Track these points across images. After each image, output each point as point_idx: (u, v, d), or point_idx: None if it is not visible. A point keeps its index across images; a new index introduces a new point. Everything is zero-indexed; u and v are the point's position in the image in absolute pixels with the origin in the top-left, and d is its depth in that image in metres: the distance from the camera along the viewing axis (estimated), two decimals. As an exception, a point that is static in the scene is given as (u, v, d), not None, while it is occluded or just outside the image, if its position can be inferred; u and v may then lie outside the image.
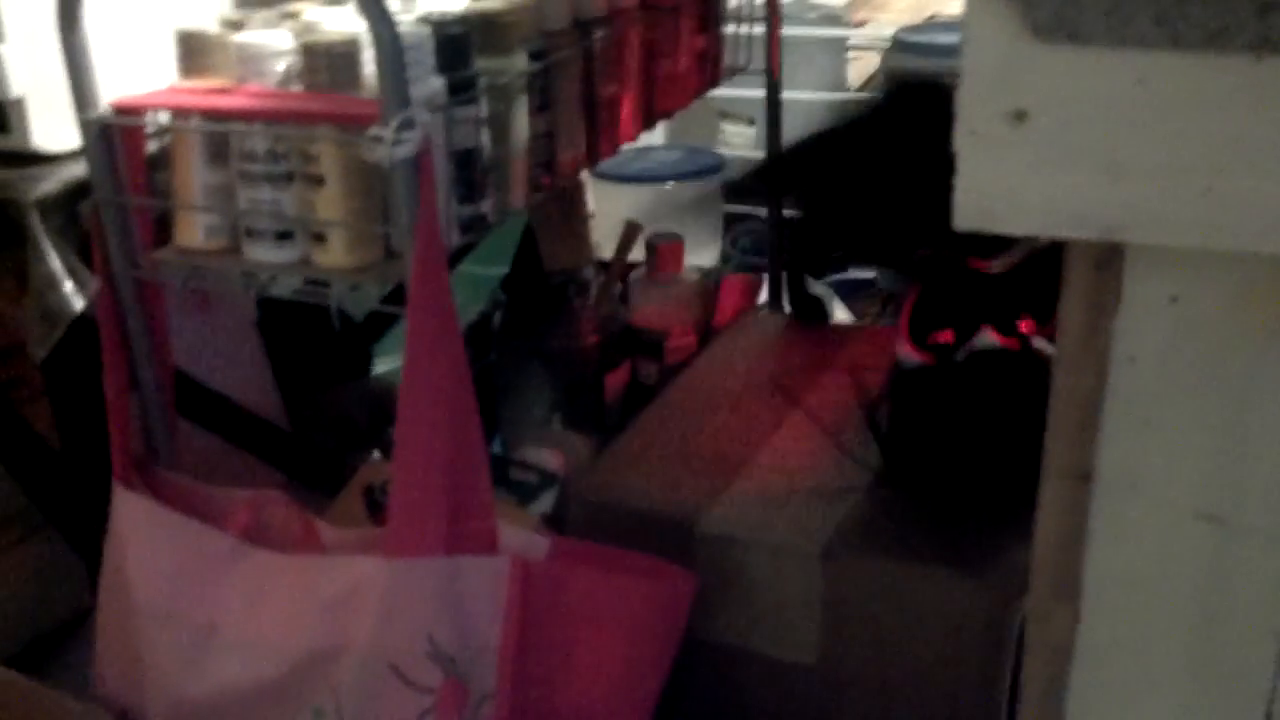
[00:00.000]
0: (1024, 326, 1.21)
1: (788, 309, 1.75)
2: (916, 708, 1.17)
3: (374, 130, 0.91)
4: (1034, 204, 0.65)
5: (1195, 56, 0.60)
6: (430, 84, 0.99)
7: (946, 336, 1.23)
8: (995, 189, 0.66)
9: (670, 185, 2.55)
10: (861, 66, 3.46)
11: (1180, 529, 0.72)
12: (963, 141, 0.65)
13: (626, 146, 2.21)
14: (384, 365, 1.80)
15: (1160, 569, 0.74)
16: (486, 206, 1.09)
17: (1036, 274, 1.18)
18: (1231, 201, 0.62)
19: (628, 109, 1.32)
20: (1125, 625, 0.76)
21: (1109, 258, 0.69)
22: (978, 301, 1.22)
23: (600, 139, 1.28)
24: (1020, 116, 0.64)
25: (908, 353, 1.26)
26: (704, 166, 2.61)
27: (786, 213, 1.78)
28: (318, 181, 0.99)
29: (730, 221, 2.78)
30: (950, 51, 1.55)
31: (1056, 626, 0.79)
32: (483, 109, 1.05)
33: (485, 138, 1.07)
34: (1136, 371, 0.70)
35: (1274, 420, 0.68)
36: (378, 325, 1.79)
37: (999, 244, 1.22)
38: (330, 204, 0.99)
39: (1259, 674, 0.73)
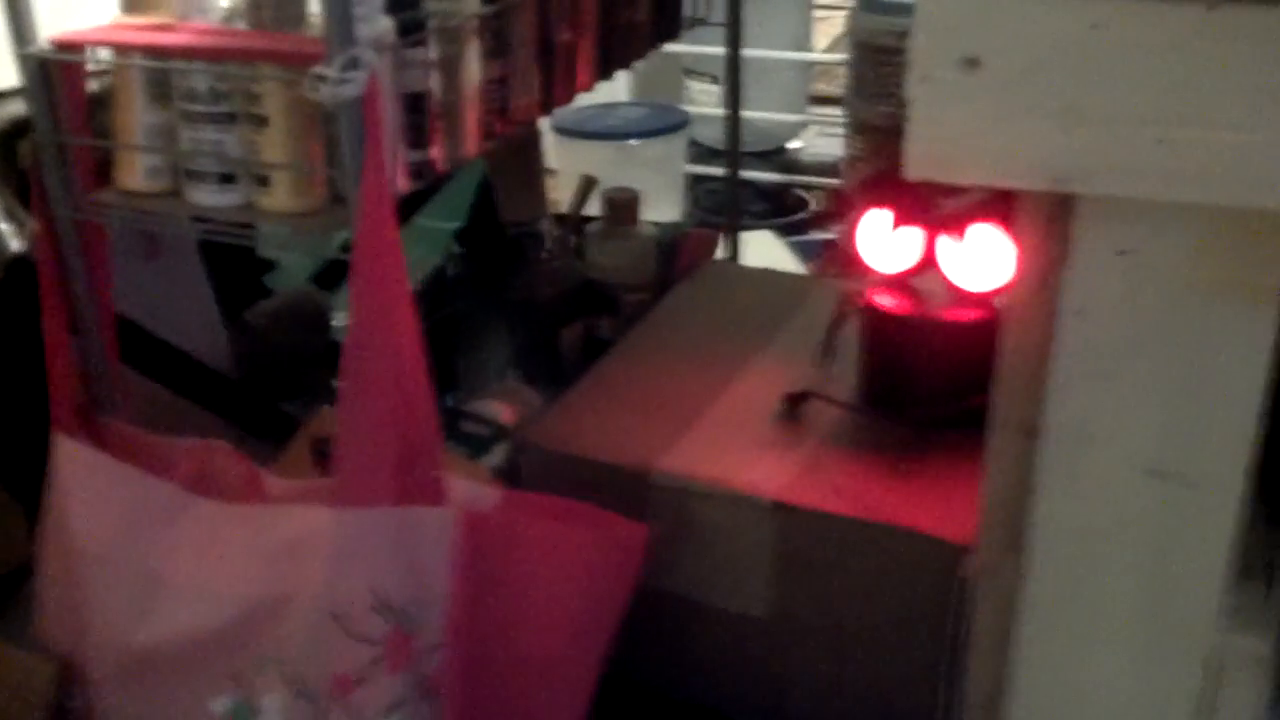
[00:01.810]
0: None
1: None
2: (867, 661, 1.17)
3: (318, 69, 0.88)
4: (986, 153, 0.65)
5: (1151, 3, 0.59)
6: (379, 23, 0.96)
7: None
8: (947, 137, 0.65)
9: (634, 142, 2.53)
10: (828, 28, 3.44)
11: (1129, 483, 0.72)
12: (915, 89, 0.64)
13: (590, 102, 2.19)
14: (343, 319, 1.78)
15: (1109, 523, 0.74)
16: (437, 153, 1.07)
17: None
18: (1185, 152, 0.61)
19: (584, 57, 1.30)
20: (1074, 578, 0.76)
21: (1060, 210, 0.68)
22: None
23: (555, 86, 1.26)
24: (972, 63, 0.63)
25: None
26: (668, 124, 2.59)
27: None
28: (261, 122, 0.96)
29: (693, 181, 2.77)
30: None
31: (1005, 579, 0.79)
32: (433, 51, 1.03)
33: (436, 81, 1.05)
34: (1086, 325, 0.70)
35: (1224, 376, 0.68)
36: (337, 274, 1.76)
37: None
38: (274, 146, 0.97)
39: (1204, 627, 0.74)
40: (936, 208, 1.19)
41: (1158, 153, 0.61)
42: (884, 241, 1.24)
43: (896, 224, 1.23)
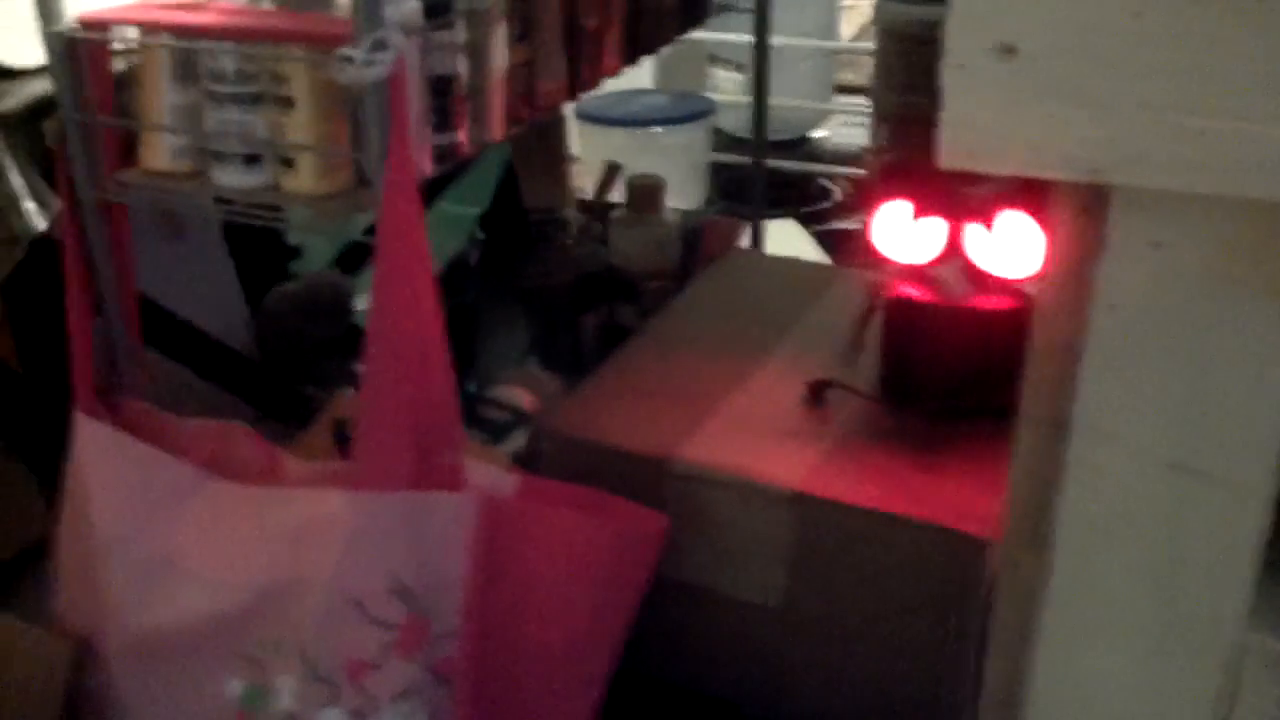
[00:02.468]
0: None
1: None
2: (878, 652, 1.17)
3: (345, 50, 0.88)
4: (1020, 142, 0.63)
5: (1192, -10, 0.58)
6: (406, 6, 0.96)
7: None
8: (980, 126, 0.64)
9: (658, 129, 2.52)
10: (855, 17, 3.43)
11: (1154, 479, 0.71)
12: (949, 76, 0.63)
13: (615, 89, 2.18)
14: (365, 301, 1.78)
15: (1133, 518, 0.73)
16: (462, 136, 1.06)
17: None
18: (1223, 144, 0.60)
19: (610, 42, 1.29)
20: (1095, 573, 0.75)
21: (1094, 202, 0.67)
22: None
23: (581, 71, 1.25)
24: (1008, 50, 0.62)
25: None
26: (692, 111, 2.58)
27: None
28: (287, 103, 0.96)
29: (717, 169, 2.76)
30: (944, -1, 1.52)
31: (1026, 573, 0.78)
32: (460, 35, 1.03)
33: (462, 65, 1.04)
34: (1117, 319, 0.69)
35: (1252, 372, 0.67)
36: (359, 258, 1.76)
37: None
38: (300, 127, 0.97)
39: (1225, 621, 0.73)
40: (959, 196, 1.18)
41: (1193, 144, 0.60)
42: (905, 232, 1.23)
43: (917, 214, 1.22)
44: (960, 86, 0.63)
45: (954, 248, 1.22)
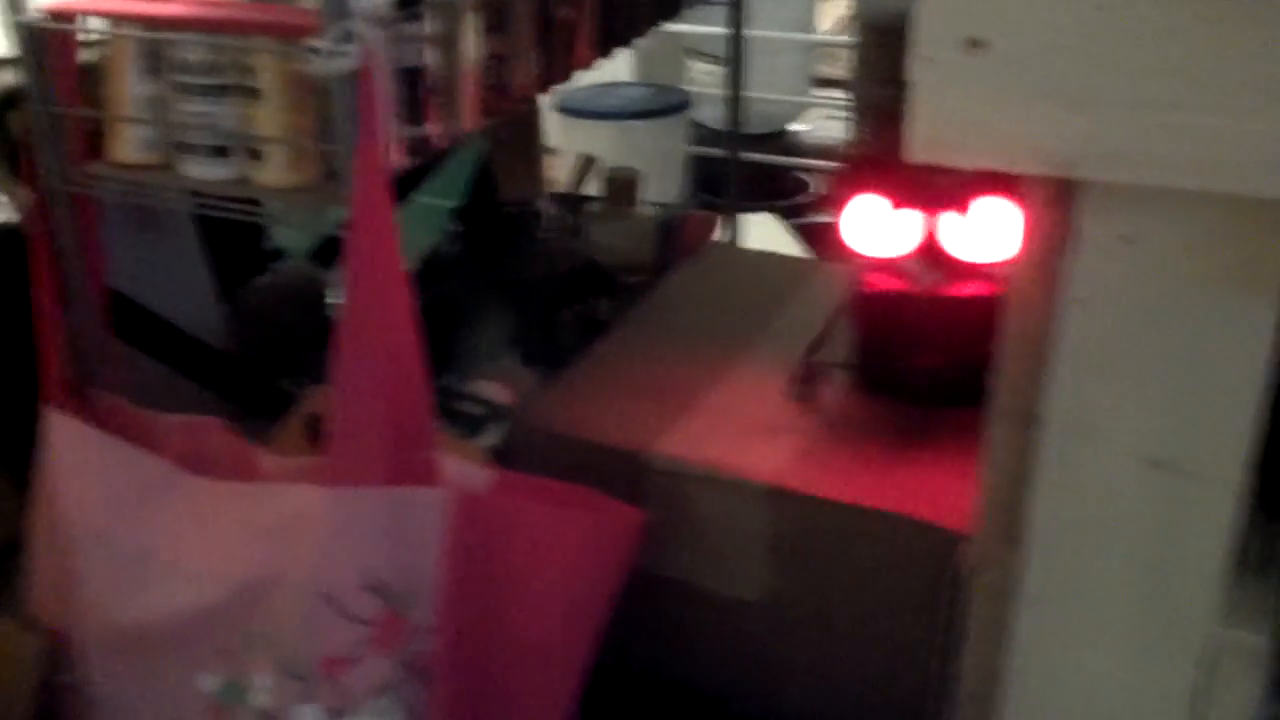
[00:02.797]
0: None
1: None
2: (860, 647, 1.17)
3: (312, 41, 0.87)
4: (989, 136, 0.63)
5: (1160, -16, 0.58)
6: (375, -3, 0.95)
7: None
8: (949, 120, 0.63)
9: (635, 122, 2.52)
10: (832, 9, 3.42)
11: (1129, 474, 0.71)
12: (917, 69, 0.63)
13: (592, 82, 2.17)
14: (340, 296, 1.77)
15: (1107, 514, 0.73)
16: (433, 128, 1.05)
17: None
18: (1191, 138, 0.60)
19: (584, 34, 1.28)
20: (1070, 569, 0.75)
21: (1063, 195, 0.67)
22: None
23: (555, 64, 1.24)
24: (977, 44, 0.61)
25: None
26: (669, 104, 2.57)
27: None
28: (255, 95, 0.95)
29: (694, 162, 2.76)
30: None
31: (1001, 570, 0.78)
32: (430, 26, 1.02)
33: (432, 57, 1.03)
34: (1088, 314, 0.68)
35: (1225, 366, 0.67)
36: (334, 251, 1.75)
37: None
38: (268, 119, 0.96)
39: (1201, 620, 0.73)
40: (931, 184, 1.18)
41: (1164, 139, 0.60)
42: (878, 224, 1.23)
43: (893, 205, 1.22)
44: (929, 80, 0.63)
45: (928, 237, 1.22)
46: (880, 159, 1.25)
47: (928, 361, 1.24)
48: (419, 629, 1.01)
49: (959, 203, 1.19)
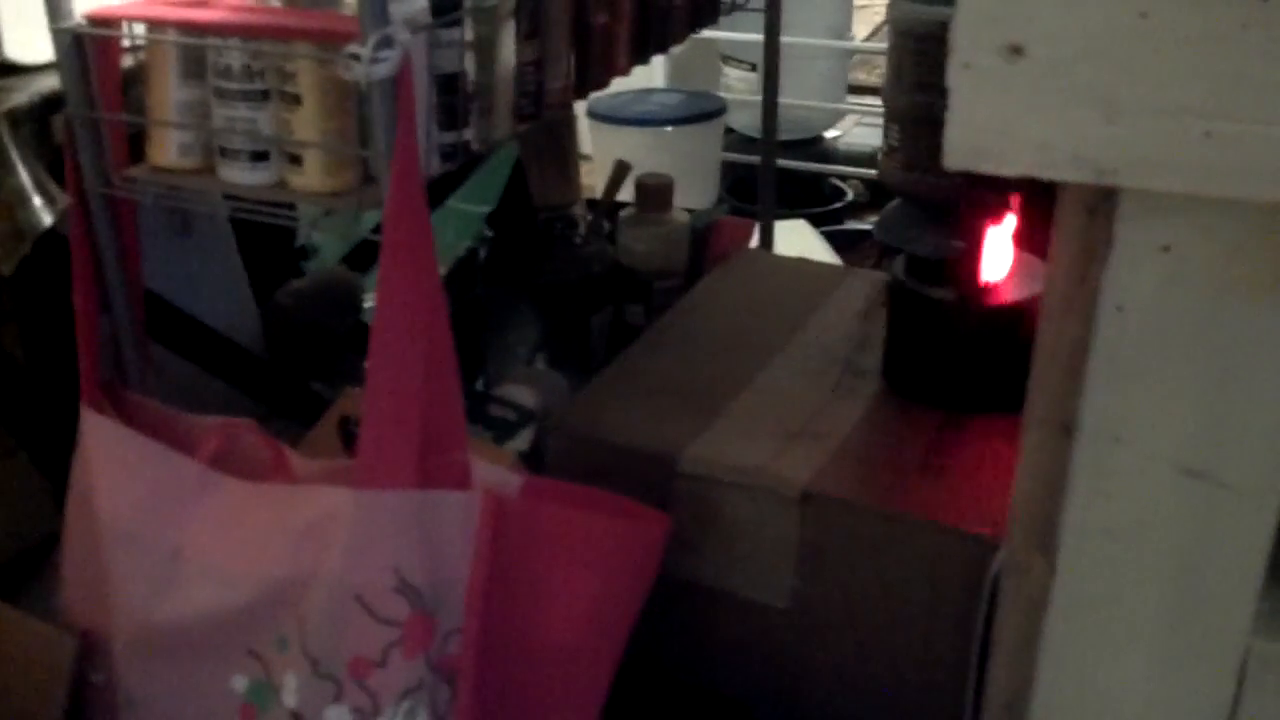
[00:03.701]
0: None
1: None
2: (888, 656, 1.16)
3: (351, 47, 0.88)
4: (1027, 143, 0.63)
5: (1201, -9, 0.57)
6: (413, 3, 0.96)
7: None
8: (987, 126, 0.63)
9: (669, 129, 2.52)
10: (869, 16, 3.42)
11: (1162, 483, 0.71)
12: (956, 76, 0.63)
13: (626, 88, 2.17)
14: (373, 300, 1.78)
15: (1141, 522, 0.72)
16: (469, 134, 1.06)
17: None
18: (1231, 146, 0.59)
19: (620, 40, 1.29)
20: (1103, 578, 0.75)
21: (1101, 203, 0.66)
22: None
23: (591, 70, 1.25)
24: (1016, 51, 0.61)
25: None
26: (704, 111, 2.58)
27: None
28: (294, 100, 0.96)
29: (728, 169, 2.76)
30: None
31: (1033, 578, 0.78)
32: (468, 32, 1.02)
33: (470, 63, 1.04)
34: (1124, 321, 0.68)
35: (1261, 376, 0.67)
36: (368, 255, 1.76)
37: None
38: (307, 124, 0.96)
39: (1235, 630, 0.72)
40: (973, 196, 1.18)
41: (1203, 146, 0.60)
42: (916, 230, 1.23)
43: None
44: (967, 86, 0.63)
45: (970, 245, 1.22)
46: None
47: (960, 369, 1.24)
48: (447, 632, 1.01)
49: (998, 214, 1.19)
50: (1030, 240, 1.20)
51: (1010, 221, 1.20)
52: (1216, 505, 0.70)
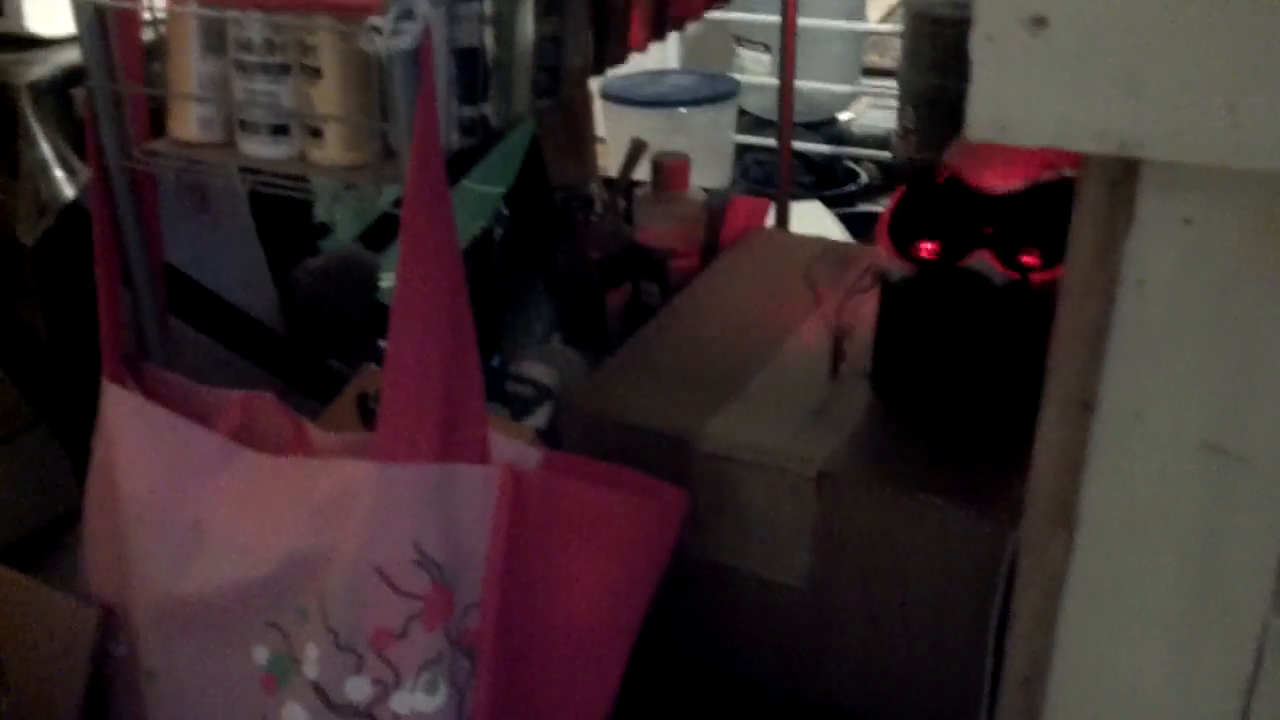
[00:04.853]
0: (1026, 259, 1.18)
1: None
2: (904, 634, 1.17)
3: (372, 20, 0.88)
4: (1050, 115, 0.63)
5: (1226, -36, 0.57)
6: (433, -23, 0.96)
7: (930, 249, 1.19)
8: (1010, 98, 0.63)
9: (683, 110, 2.52)
10: (883, -1, 3.40)
11: (1183, 460, 0.70)
12: (979, 48, 0.63)
13: (641, 69, 2.16)
14: (390, 278, 1.79)
15: (1160, 499, 0.72)
16: (489, 109, 1.06)
17: (1047, 204, 1.15)
18: (1256, 118, 0.59)
19: (638, 16, 1.28)
20: (1122, 556, 0.75)
21: (1124, 176, 0.66)
22: (973, 221, 1.18)
23: (609, 45, 1.24)
24: (1040, 23, 0.61)
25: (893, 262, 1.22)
26: (718, 92, 2.57)
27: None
28: (315, 74, 0.96)
29: (742, 151, 2.75)
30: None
31: (1052, 556, 0.78)
32: (487, 6, 1.02)
33: (489, 37, 1.04)
34: (1145, 296, 0.68)
35: (1283, 352, 0.66)
36: (385, 234, 1.77)
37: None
38: (327, 98, 0.97)
39: (1254, 607, 0.72)
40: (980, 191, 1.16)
41: (1227, 119, 0.60)
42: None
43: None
44: (990, 58, 0.63)
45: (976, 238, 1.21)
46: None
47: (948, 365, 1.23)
48: (466, 605, 1.02)
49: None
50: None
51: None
52: (1237, 482, 0.70)
